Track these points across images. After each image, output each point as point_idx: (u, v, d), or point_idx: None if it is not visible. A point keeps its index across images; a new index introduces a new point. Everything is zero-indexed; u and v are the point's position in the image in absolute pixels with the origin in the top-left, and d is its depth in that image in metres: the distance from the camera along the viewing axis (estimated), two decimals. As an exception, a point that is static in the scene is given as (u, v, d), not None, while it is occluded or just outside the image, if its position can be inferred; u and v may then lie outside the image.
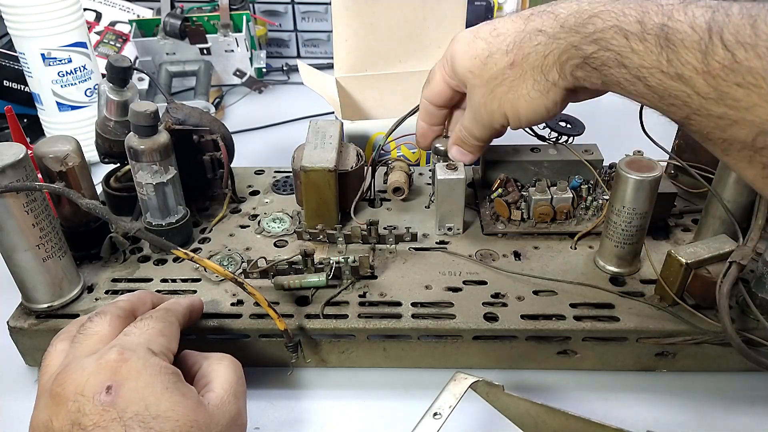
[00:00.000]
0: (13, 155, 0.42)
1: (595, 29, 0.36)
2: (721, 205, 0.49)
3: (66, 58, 0.74)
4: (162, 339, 0.38)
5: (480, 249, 0.54)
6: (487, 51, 0.43)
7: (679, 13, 0.33)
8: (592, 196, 0.56)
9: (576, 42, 0.37)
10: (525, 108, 0.43)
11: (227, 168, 0.58)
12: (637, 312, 0.47)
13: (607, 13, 0.36)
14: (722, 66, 0.30)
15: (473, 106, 0.46)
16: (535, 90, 0.41)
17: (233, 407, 0.37)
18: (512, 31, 0.41)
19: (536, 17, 0.40)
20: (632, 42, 0.34)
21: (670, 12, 0.33)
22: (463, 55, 0.44)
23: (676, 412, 0.46)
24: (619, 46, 0.35)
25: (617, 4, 0.36)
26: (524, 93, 0.42)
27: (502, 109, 0.44)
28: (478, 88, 0.44)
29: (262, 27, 1.06)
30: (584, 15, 0.37)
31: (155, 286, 0.51)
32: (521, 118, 0.44)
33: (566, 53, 0.38)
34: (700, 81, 0.31)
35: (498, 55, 0.42)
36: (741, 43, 0.29)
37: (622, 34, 0.35)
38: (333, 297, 0.49)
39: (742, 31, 0.30)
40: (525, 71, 0.41)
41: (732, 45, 0.30)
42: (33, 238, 0.44)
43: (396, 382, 0.49)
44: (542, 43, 0.40)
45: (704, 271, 0.45)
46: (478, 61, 0.43)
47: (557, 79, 0.40)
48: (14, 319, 0.48)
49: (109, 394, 0.32)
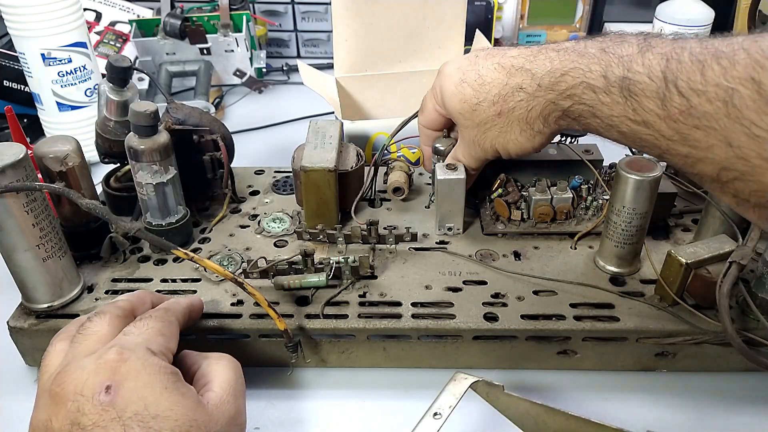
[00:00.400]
0: (13, 155, 0.42)
1: (567, 86, 0.40)
2: (719, 211, 0.49)
3: (66, 58, 0.74)
4: (161, 339, 0.38)
5: (480, 249, 0.54)
6: (475, 99, 0.47)
7: (637, 63, 0.35)
8: (592, 196, 0.56)
9: (553, 98, 0.42)
10: (514, 148, 0.48)
11: (227, 168, 0.58)
12: (637, 312, 0.47)
13: (576, 70, 0.39)
14: (680, 111, 0.33)
15: (466, 142, 0.51)
16: (523, 136, 0.46)
17: (232, 407, 0.37)
18: (496, 84, 0.45)
19: (516, 73, 0.44)
20: (600, 95, 0.38)
21: (629, 64, 0.36)
22: (453, 97, 0.48)
23: (677, 412, 0.46)
24: (590, 99, 0.39)
25: (584, 60, 0.39)
26: (513, 138, 0.47)
27: (493, 147, 0.49)
28: (470, 129, 0.49)
29: (262, 27, 1.06)
30: (557, 74, 0.41)
31: (155, 286, 0.51)
32: (511, 154, 0.49)
33: (547, 108, 0.43)
34: (663, 126, 0.34)
35: (486, 104, 0.46)
36: (694, 90, 0.32)
37: (590, 89, 0.38)
38: (333, 297, 0.49)
39: (693, 78, 0.32)
40: (512, 121, 0.46)
41: (686, 92, 0.32)
42: (33, 238, 0.44)
43: (396, 382, 0.49)
44: (524, 99, 0.44)
45: (704, 271, 0.45)
46: (467, 105, 0.48)
47: (542, 128, 0.45)
48: (14, 319, 0.48)
49: (109, 394, 0.32)
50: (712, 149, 0.32)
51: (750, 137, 0.30)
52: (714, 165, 0.33)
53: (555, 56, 0.41)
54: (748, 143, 0.30)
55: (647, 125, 0.35)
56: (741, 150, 0.31)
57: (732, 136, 0.31)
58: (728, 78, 0.31)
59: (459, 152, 0.53)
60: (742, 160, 0.31)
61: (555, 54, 0.42)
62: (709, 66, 0.32)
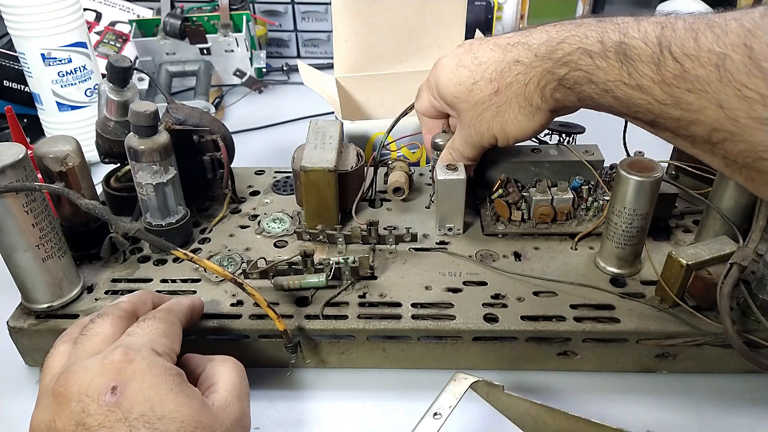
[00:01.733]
0: (13, 155, 0.42)
1: (564, 53, 0.41)
2: (720, 214, 0.49)
3: (66, 58, 0.74)
4: (165, 340, 0.38)
5: (480, 249, 0.54)
6: (471, 79, 0.47)
7: (633, 29, 0.37)
8: (593, 197, 0.56)
9: (549, 67, 0.42)
10: (513, 130, 0.47)
11: (227, 168, 0.58)
12: (638, 313, 0.47)
13: (573, 37, 0.40)
14: (674, 75, 0.34)
15: (462, 128, 0.51)
16: (522, 114, 0.46)
17: (237, 409, 0.37)
18: (493, 61, 0.46)
19: (513, 48, 0.45)
20: (596, 60, 0.39)
21: (625, 29, 0.37)
22: (448, 82, 0.48)
23: (677, 413, 0.46)
24: (586, 65, 0.39)
25: (581, 29, 0.40)
26: (511, 117, 0.46)
27: (491, 130, 0.48)
28: (466, 112, 0.49)
29: (262, 27, 1.06)
30: (553, 42, 0.42)
31: (155, 286, 0.51)
32: (509, 138, 0.48)
33: (543, 79, 0.43)
34: (657, 90, 0.36)
35: (483, 82, 0.46)
36: (687, 55, 0.34)
37: (587, 54, 0.39)
38: (333, 297, 0.49)
39: (686, 44, 0.34)
40: (509, 98, 0.46)
41: (680, 57, 0.34)
42: (33, 238, 0.44)
43: (396, 382, 0.49)
44: (521, 72, 0.44)
45: (705, 273, 0.45)
46: (463, 87, 0.47)
47: (540, 103, 0.45)
48: (14, 319, 0.48)
49: (114, 395, 0.32)
50: (703, 111, 0.34)
51: (740, 98, 0.32)
52: (705, 126, 0.34)
53: (551, 29, 0.43)
54: (739, 104, 0.32)
55: (642, 89, 0.36)
56: (731, 111, 0.33)
57: (723, 98, 0.33)
58: (720, 44, 0.32)
59: (456, 140, 0.52)
60: (732, 120, 0.33)
61: (551, 27, 0.43)
62: (702, 33, 0.33)
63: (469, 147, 0.51)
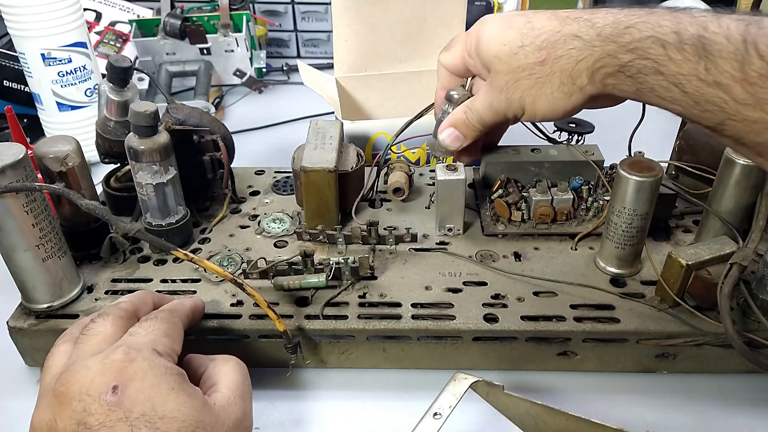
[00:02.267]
0: (13, 155, 0.42)
1: (632, 39, 0.38)
2: (718, 217, 0.49)
3: (66, 58, 0.74)
4: (167, 340, 0.38)
5: (480, 250, 0.54)
6: (519, 41, 0.43)
7: (714, 24, 0.34)
8: (593, 197, 0.56)
9: (612, 51, 0.39)
10: (544, 106, 0.44)
11: (227, 168, 0.58)
12: (638, 313, 0.47)
13: (644, 24, 0.37)
14: (759, 74, 0.32)
15: (492, 90, 0.46)
16: (560, 91, 0.43)
17: (239, 408, 0.37)
18: (547, 29, 0.42)
19: (573, 22, 0.41)
20: (670, 51, 0.36)
21: (704, 23, 0.35)
22: (492, 39, 0.45)
23: (677, 413, 0.46)
24: (656, 54, 0.36)
25: (652, 16, 0.37)
26: (548, 92, 0.43)
27: (522, 101, 0.45)
28: (503, 74, 0.45)
29: (262, 27, 1.06)
30: (621, 26, 0.38)
31: (155, 286, 0.51)
32: (537, 114, 0.45)
33: (600, 61, 0.40)
34: (737, 88, 0.33)
35: (530, 48, 0.43)
36: None
37: (659, 44, 0.36)
38: (333, 298, 0.49)
39: None
40: (554, 72, 0.42)
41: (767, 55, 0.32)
42: (33, 238, 0.44)
43: (396, 382, 0.49)
44: (577, 48, 0.41)
45: (705, 273, 0.45)
46: (507, 48, 0.44)
47: (585, 84, 0.41)
48: (14, 319, 0.48)
49: (116, 394, 0.32)
50: None
51: None
52: None
53: (617, 11, 0.40)
54: None
55: (719, 86, 0.34)
56: None
57: None
58: None
59: (478, 101, 0.48)
60: None
61: (617, 10, 0.40)
62: None
63: (491, 112, 0.47)
